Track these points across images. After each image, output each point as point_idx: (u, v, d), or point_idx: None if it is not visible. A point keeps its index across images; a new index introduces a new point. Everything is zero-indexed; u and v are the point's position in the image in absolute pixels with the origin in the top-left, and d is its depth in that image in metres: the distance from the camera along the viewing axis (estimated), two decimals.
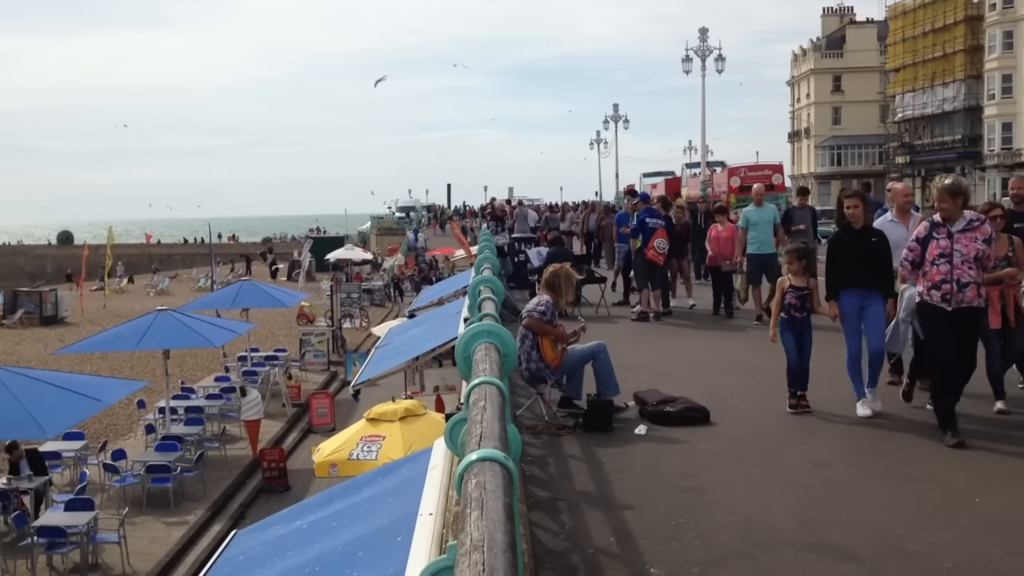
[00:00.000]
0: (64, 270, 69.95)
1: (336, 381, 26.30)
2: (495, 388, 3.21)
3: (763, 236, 14.58)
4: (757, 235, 14.56)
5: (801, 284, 8.72)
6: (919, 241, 7.62)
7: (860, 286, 8.35)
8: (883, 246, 8.43)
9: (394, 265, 47.82)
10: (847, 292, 8.39)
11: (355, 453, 11.51)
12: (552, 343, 8.70)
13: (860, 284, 8.36)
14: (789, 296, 8.68)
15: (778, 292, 8.89)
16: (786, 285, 8.75)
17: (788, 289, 8.71)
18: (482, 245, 15.95)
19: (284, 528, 4.85)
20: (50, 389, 12.26)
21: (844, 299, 8.40)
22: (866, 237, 8.46)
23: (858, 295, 8.36)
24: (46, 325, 36.99)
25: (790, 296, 8.68)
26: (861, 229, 8.48)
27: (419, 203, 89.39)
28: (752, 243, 14.58)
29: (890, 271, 8.40)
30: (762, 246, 14.55)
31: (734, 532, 5.72)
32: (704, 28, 41.67)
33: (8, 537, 13.47)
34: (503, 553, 1.74)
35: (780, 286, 8.88)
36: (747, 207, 15.49)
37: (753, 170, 42.08)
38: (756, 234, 14.57)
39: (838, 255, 8.57)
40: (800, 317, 8.68)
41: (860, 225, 8.47)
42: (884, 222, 9.47)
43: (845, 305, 8.40)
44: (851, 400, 8.50)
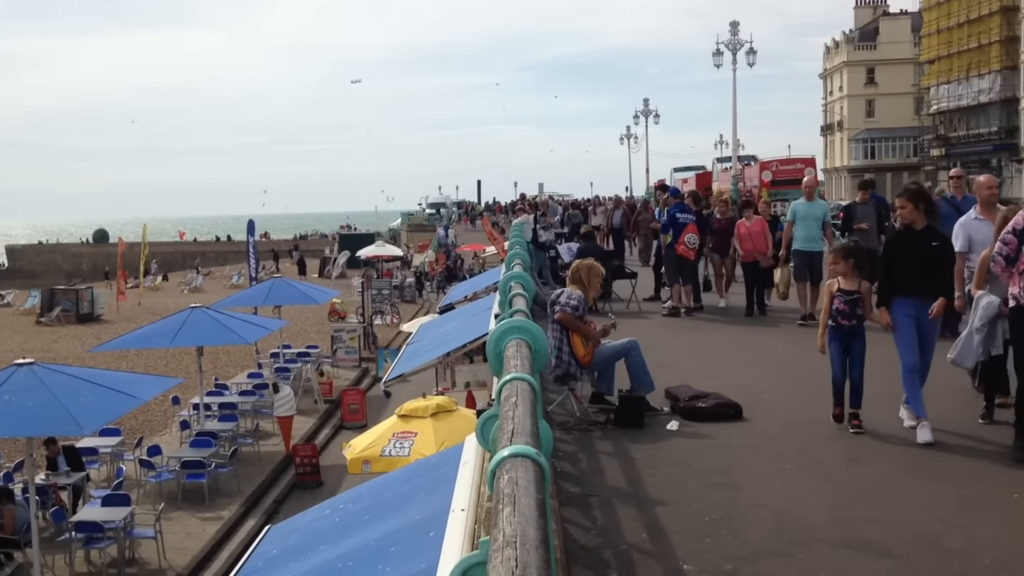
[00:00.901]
0: (100, 268, 70.88)
1: (367, 377, 26.40)
2: (527, 384, 3.21)
3: (810, 232, 13.83)
4: (804, 231, 13.85)
5: (850, 287, 7.86)
6: (1016, 233, 6.78)
7: (916, 293, 7.57)
8: (945, 250, 7.70)
9: (425, 262, 47.97)
10: (901, 300, 7.61)
11: (387, 449, 11.54)
12: (583, 339, 8.67)
13: (916, 291, 7.56)
14: (837, 301, 7.85)
15: (826, 296, 8.10)
16: (834, 288, 7.92)
17: (836, 293, 7.89)
18: (513, 241, 15.94)
19: (317, 523, 4.89)
20: (87, 386, 12.38)
21: (897, 307, 7.60)
22: (926, 239, 7.64)
23: (913, 303, 7.57)
24: (82, 323, 37.40)
25: (838, 301, 7.85)
26: (922, 230, 7.66)
27: (449, 199, 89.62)
28: (797, 238, 13.89)
29: (950, 279, 7.71)
30: (808, 242, 13.81)
31: (768, 528, 5.68)
32: (735, 21, 41.34)
33: (47, 532, 13.65)
34: (536, 549, 1.74)
35: (828, 289, 8.06)
36: (796, 200, 14.72)
37: (785, 164, 41.76)
38: (803, 229, 13.86)
39: (893, 257, 7.78)
40: (849, 325, 7.83)
41: (920, 226, 7.66)
42: (968, 220, 8.74)
43: (898, 314, 7.59)
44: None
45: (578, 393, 8.78)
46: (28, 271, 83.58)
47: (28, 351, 26.41)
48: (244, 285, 44.34)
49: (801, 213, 13.95)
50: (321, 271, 52.14)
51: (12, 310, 44.53)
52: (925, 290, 7.57)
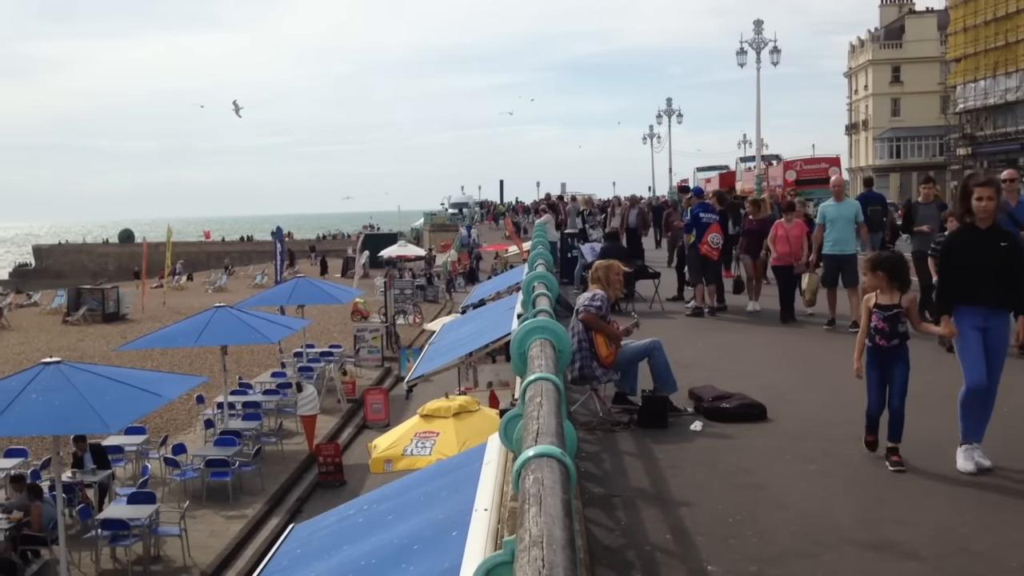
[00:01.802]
0: (126, 268, 71.53)
1: (390, 377, 26.48)
2: (551, 384, 3.20)
3: (842, 234, 13.15)
4: (835, 233, 13.16)
5: (889, 301, 6.86)
6: None
7: (982, 302, 6.58)
8: (1016, 252, 6.65)
9: (447, 261, 48.04)
10: (965, 309, 6.61)
11: (409, 449, 11.55)
12: (606, 339, 8.65)
13: (982, 300, 6.58)
14: (875, 318, 6.86)
15: (863, 313, 7.08)
16: (871, 304, 6.93)
17: (873, 309, 6.90)
18: (535, 241, 15.92)
19: (340, 522, 4.90)
20: (113, 384, 12.48)
21: (962, 318, 6.63)
22: (993, 239, 6.65)
23: (979, 313, 6.60)
24: (108, 322, 37.75)
25: (875, 318, 6.86)
26: (988, 229, 6.66)
27: (472, 199, 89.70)
28: (828, 242, 13.20)
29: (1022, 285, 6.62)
30: (839, 245, 13.14)
31: (793, 530, 5.64)
32: (759, 20, 41.09)
33: (73, 529, 13.77)
34: (562, 549, 1.73)
35: (865, 305, 7.05)
36: (826, 202, 13.89)
37: (809, 163, 41.55)
38: (833, 232, 13.17)
39: (954, 260, 6.78)
40: (888, 346, 6.85)
41: (988, 224, 6.67)
42: None
43: (962, 325, 6.62)
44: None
45: (601, 393, 8.76)
46: (55, 271, 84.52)
47: (55, 350, 26.68)
48: (268, 285, 44.63)
49: (831, 215, 13.28)
50: (344, 271, 52.32)
51: (39, 309, 44.99)
52: (993, 299, 6.60)
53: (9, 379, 12.67)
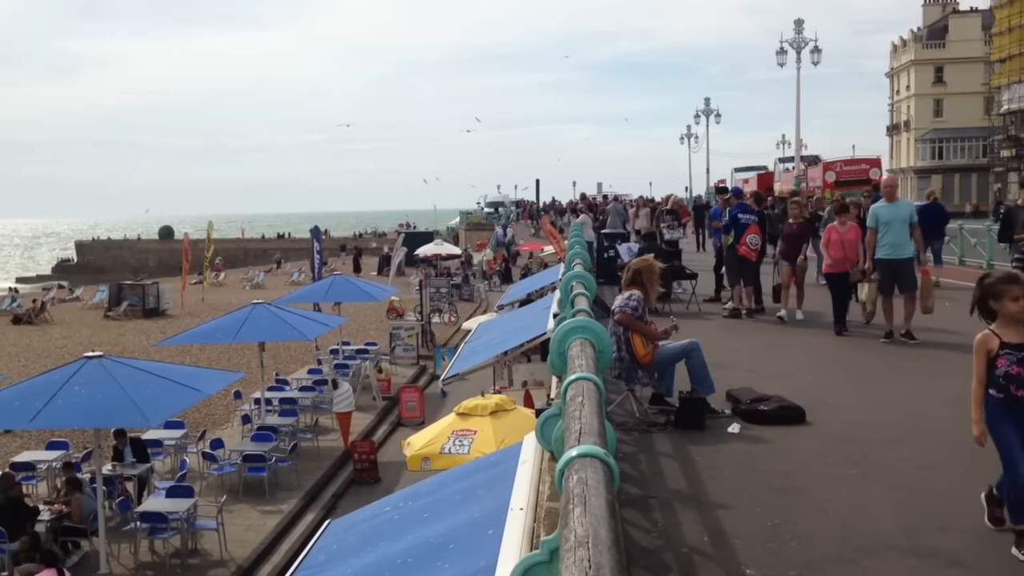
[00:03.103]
0: (165, 263, 72.42)
1: (425, 375, 26.56)
2: (592, 384, 3.18)
3: (897, 237, 12.35)
4: (890, 236, 12.35)
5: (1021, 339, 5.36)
6: None
7: None
8: None
9: (483, 260, 48.13)
10: None
11: (447, 447, 11.57)
12: (643, 340, 8.61)
13: None
14: (1004, 361, 5.33)
15: (978, 356, 5.43)
16: (994, 345, 5.37)
17: (1003, 352, 5.34)
18: (572, 240, 15.89)
19: (376, 518, 4.91)
20: (153, 379, 12.64)
21: None
22: None
23: None
24: (148, 317, 38.21)
25: (1005, 361, 5.33)
26: None
27: (508, 199, 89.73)
28: (883, 246, 12.38)
29: None
30: (895, 249, 12.33)
31: (833, 535, 5.57)
32: (800, 19, 40.75)
33: (112, 521, 13.96)
34: (608, 550, 1.72)
35: (982, 347, 5.42)
36: (877, 204, 13.06)
37: (849, 164, 41.05)
38: (889, 235, 12.36)
39: None
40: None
41: None
42: None
43: None
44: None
45: (638, 393, 8.71)
46: (96, 266, 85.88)
47: (96, 344, 27.03)
48: (305, 282, 44.96)
49: (885, 217, 12.44)
50: (380, 269, 52.57)
51: (81, 304, 45.67)
52: None
53: (52, 372, 12.89)
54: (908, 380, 10.09)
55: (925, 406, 8.65)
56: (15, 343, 32.13)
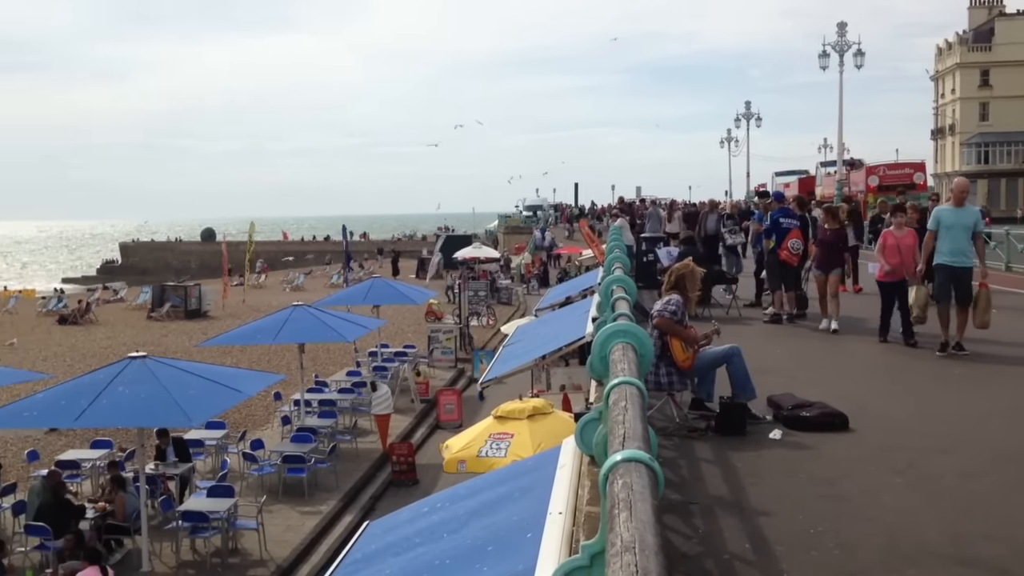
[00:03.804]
0: (207, 265, 73.27)
1: (463, 378, 26.60)
2: (635, 388, 3.16)
3: (958, 244, 11.64)
4: (951, 242, 11.67)
5: None
6: None
7: None
8: None
9: (521, 264, 48.14)
10: None
11: (484, 450, 11.59)
12: (682, 344, 8.54)
13: None
14: None
15: None
16: None
17: None
18: (611, 244, 15.83)
19: (415, 520, 4.91)
20: (195, 380, 12.77)
21: None
22: None
23: None
24: (190, 318, 38.67)
25: None
26: None
27: (546, 202, 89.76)
28: (942, 252, 11.73)
29: None
30: (956, 256, 11.64)
31: (877, 543, 5.49)
32: (843, 22, 40.25)
33: (155, 520, 14.12)
34: (655, 555, 1.70)
35: None
36: (942, 207, 12.30)
37: (893, 168, 40.59)
38: (950, 241, 11.68)
39: None
40: None
41: None
42: None
43: None
44: None
45: (678, 399, 8.65)
46: (140, 268, 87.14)
47: (140, 345, 27.40)
48: (343, 284, 45.27)
49: (948, 222, 11.73)
50: (419, 272, 52.78)
51: (125, 305, 46.35)
52: None
53: (97, 372, 13.07)
54: (954, 389, 9.93)
55: (971, 415, 8.51)
56: (61, 343, 32.67)
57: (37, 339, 33.85)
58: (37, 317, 41.40)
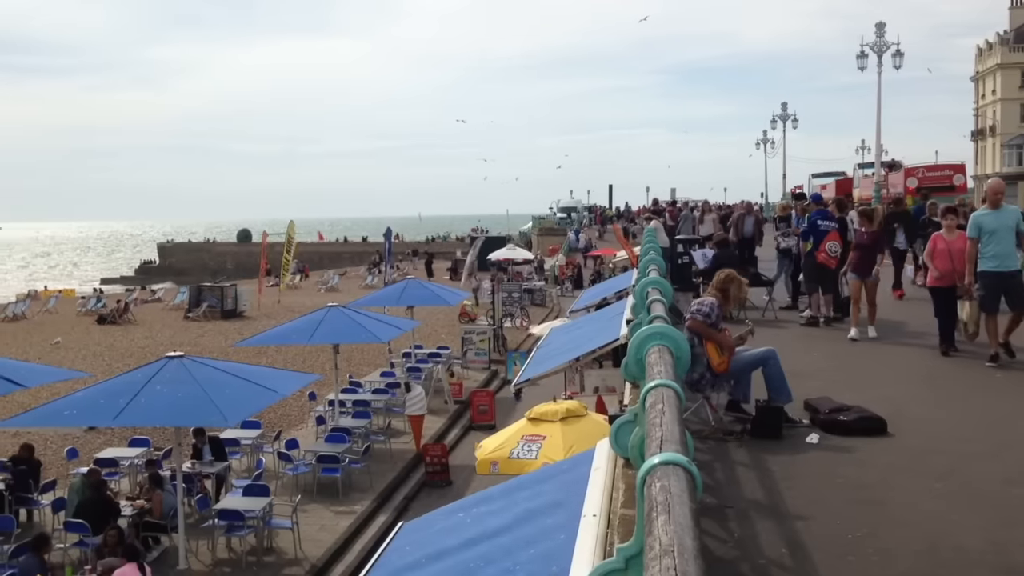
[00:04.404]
0: (243, 266, 73.95)
1: (497, 379, 26.61)
2: (672, 391, 3.14)
3: (1004, 247, 11.12)
4: (995, 246, 11.10)
5: None
6: None
7: None
8: None
9: (555, 266, 48.07)
10: None
11: (516, 452, 11.56)
12: (717, 347, 8.48)
13: None
14: None
15: None
16: None
17: None
18: (646, 246, 15.76)
19: (449, 522, 4.92)
20: (232, 379, 12.88)
21: None
22: None
23: None
24: (226, 318, 38.99)
25: None
26: None
27: (580, 204, 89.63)
28: (987, 257, 11.14)
29: None
30: (1002, 260, 11.09)
31: (916, 549, 5.41)
32: (881, 23, 39.79)
33: (191, 518, 14.25)
34: (694, 559, 1.68)
35: None
36: (980, 211, 11.75)
37: (932, 170, 40.05)
38: (994, 245, 11.11)
39: None
40: None
41: None
42: None
43: None
44: None
45: (713, 402, 8.59)
46: (177, 268, 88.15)
47: (177, 344, 27.67)
48: (378, 285, 45.47)
49: (990, 226, 11.17)
50: (452, 274, 52.88)
51: (163, 305, 46.87)
52: None
53: (135, 371, 13.23)
54: (996, 394, 9.76)
55: (1014, 421, 8.36)
56: (99, 342, 33.10)
57: (77, 338, 34.33)
58: (76, 317, 41.99)
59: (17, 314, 42.92)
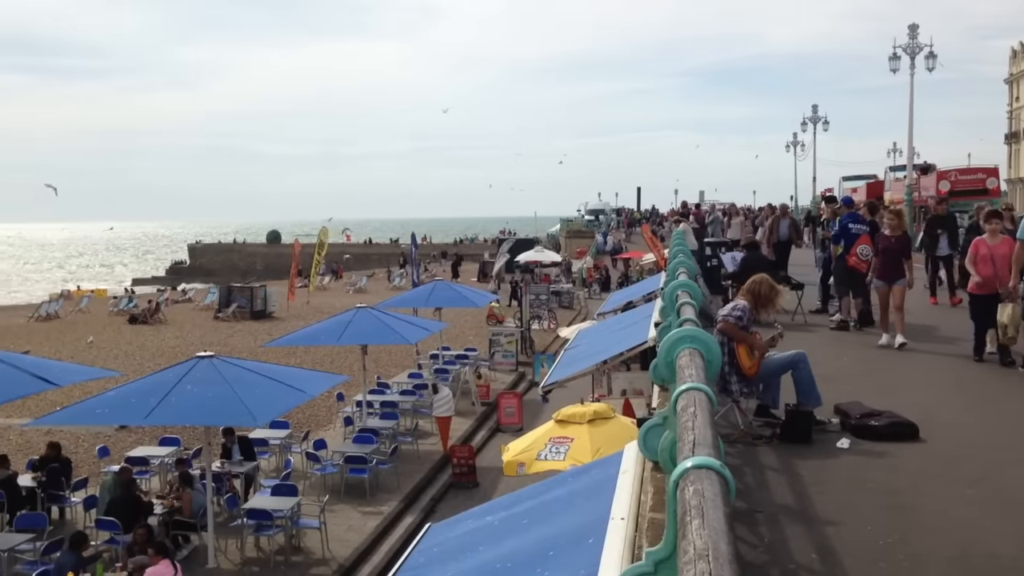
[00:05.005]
0: (273, 267, 74.46)
1: (524, 381, 26.60)
2: (704, 394, 3.13)
3: None
4: None
5: None
6: None
7: None
8: None
9: (583, 268, 48.02)
10: None
11: (543, 454, 11.55)
12: (748, 351, 8.44)
13: None
14: None
15: None
16: None
17: None
18: (676, 249, 15.69)
19: (476, 523, 4.92)
20: (261, 379, 12.96)
21: None
22: None
23: None
24: (256, 319, 39.26)
25: None
26: None
27: (608, 206, 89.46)
28: None
29: None
30: None
31: (948, 556, 5.35)
32: (914, 24, 39.35)
33: (220, 517, 14.35)
34: (729, 564, 1.67)
35: None
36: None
37: (965, 173, 39.56)
38: None
39: None
40: None
41: None
42: None
43: None
44: None
45: (742, 405, 8.54)
46: (208, 269, 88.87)
47: (207, 344, 27.88)
48: (406, 287, 45.59)
49: None
50: (480, 275, 52.95)
51: (193, 305, 47.26)
52: None
53: (166, 371, 13.35)
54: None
55: None
56: (131, 342, 33.43)
57: (108, 338, 34.69)
58: (108, 316, 42.45)
59: (50, 313, 43.49)
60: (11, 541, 12.72)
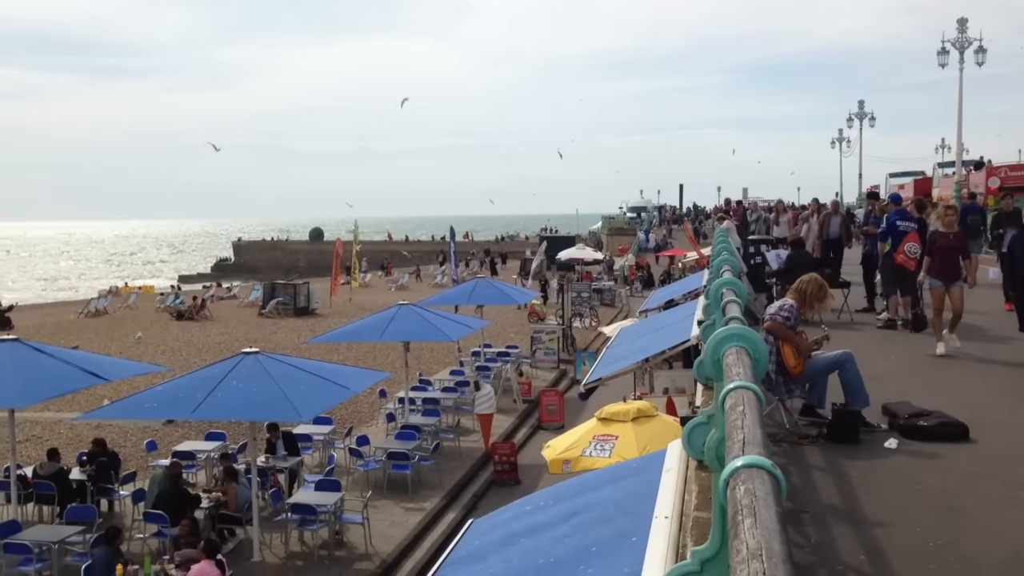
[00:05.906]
0: (315, 264, 75.12)
1: (565, 379, 26.58)
2: (752, 393, 3.09)
3: None
4: None
5: None
6: None
7: None
8: None
9: (625, 266, 47.86)
10: None
11: (588, 451, 11.54)
12: (794, 350, 8.35)
13: None
14: None
15: None
16: None
17: None
18: (719, 247, 15.57)
19: (519, 519, 4.92)
20: (305, 376, 13.09)
21: None
22: None
23: None
24: (299, 316, 39.63)
25: None
26: None
27: (650, 203, 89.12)
28: None
29: None
30: None
31: (1001, 558, 5.25)
32: (963, 18, 38.71)
33: (265, 512, 14.51)
34: (783, 563, 1.65)
35: None
36: None
37: (1015, 170, 38.82)
38: None
39: None
40: None
41: None
42: None
43: None
44: None
45: (788, 405, 8.45)
46: (252, 266, 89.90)
47: (252, 341, 28.20)
48: (447, 284, 45.76)
49: None
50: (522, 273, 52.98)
51: (237, 302, 47.80)
52: None
53: (213, 367, 13.53)
54: None
55: None
56: (177, 338, 33.89)
57: (155, 334, 35.21)
58: (155, 313, 43.07)
59: (99, 309, 44.25)
60: (61, 533, 12.97)
